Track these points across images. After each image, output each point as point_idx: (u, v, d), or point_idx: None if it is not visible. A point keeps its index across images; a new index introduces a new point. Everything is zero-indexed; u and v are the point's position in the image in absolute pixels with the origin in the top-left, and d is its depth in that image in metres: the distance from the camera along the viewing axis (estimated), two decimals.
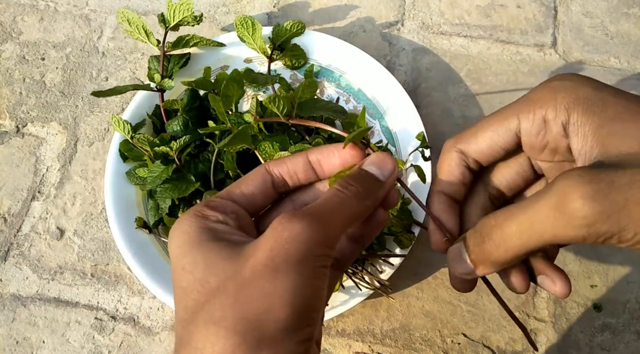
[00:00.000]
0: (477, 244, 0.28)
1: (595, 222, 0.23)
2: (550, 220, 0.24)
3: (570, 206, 0.23)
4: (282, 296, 0.24)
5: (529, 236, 0.25)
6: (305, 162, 0.31)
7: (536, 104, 0.28)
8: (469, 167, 0.31)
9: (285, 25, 0.58)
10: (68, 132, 0.62)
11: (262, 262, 0.25)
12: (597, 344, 0.52)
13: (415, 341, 0.52)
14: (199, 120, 0.54)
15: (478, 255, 0.28)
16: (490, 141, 0.30)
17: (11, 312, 0.54)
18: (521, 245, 0.26)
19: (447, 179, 0.31)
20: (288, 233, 0.25)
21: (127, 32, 0.56)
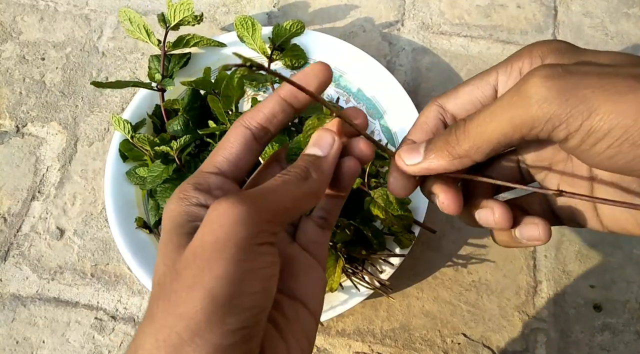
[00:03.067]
0: (443, 135, 0.28)
1: (546, 99, 0.22)
2: (508, 103, 0.24)
3: (527, 84, 0.23)
4: (203, 286, 0.23)
5: (489, 126, 0.25)
6: (280, 102, 0.30)
7: (514, 58, 0.28)
8: (445, 122, 0.31)
9: (285, 25, 0.58)
10: (68, 132, 0.62)
11: (192, 251, 0.24)
12: (597, 344, 0.52)
13: (415, 341, 0.52)
14: (199, 120, 0.54)
15: (439, 144, 0.28)
16: (470, 95, 0.30)
17: (11, 312, 0.54)
18: (482, 137, 0.26)
19: (420, 129, 0.31)
20: (216, 214, 0.24)
21: (128, 31, 0.56)
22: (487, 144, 0.26)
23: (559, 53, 0.26)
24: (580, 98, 0.22)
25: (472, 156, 0.26)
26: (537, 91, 0.23)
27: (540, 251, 0.55)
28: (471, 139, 0.26)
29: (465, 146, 0.26)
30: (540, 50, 0.27)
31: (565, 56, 0.26)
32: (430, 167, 0.28)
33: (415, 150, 0.29)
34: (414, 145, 0.29)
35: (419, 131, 0.31)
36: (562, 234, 0.56)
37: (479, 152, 0.26)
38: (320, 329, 0.52)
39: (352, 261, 0.49)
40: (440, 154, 0.27)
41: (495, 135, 0.25)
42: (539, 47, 0.27)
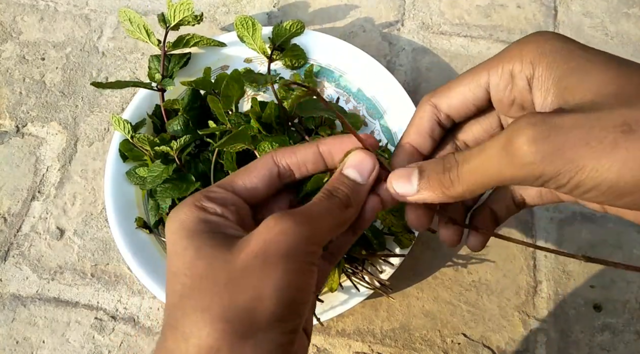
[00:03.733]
0: (437, 173, 0.28)
1: (534, 162, 0.23)
2: (498, 160, 0.24)
3: (514, 146, 0.23)
4: (271, 287, 0.25)
5: (481, 175, 0.26)
6: (316, 153, 0.31)
7: (504, 59, 0.28)
8: (440, 122, 0.31)
9: (285, 25, 0.58)
10: (68, 132, 0.62)
11: (253, 254, 0.25)
12: (597, 344, 0.52)
13: (415, 341, 0.52)
14: (199, 120, 0.54)
15: (433, 183, 0.28)
16: (462, 97, 0.30)
17: (11, 312, 0.54)
18: (474, 183, 0.26)
19: (416, 132, 0.31)
20: (279, 228, 0.26)
21: (128, 31, 0.56)
22: (479, 191, 0.27)
23: (549, 61, 0.26)
24: (567, 159, 0.22)
25: (464, 197, 0.28)
26: (525, 155, 0.23)
27: (540, 251, 0.55)
28: (464, 184, 0.27)
29: (459, 190, 0.27)
30: (531, 55, 0.27)
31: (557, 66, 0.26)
32: (423, 200, 0.29)
33: (407, 179, 0.29)
34: (406, 171, 0.29)
35: (415, 133, 0.31)
36: (562, 234, 0.56)
37: (471, 196, 0.27)
38: (320, 329, 0.52)
39: (352, 261, 0.49)
40: (433, 191, 0.28)
41: (488, 184, 0.26)
42: (529, 48, 0.27)
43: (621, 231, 0.56)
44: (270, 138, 0.49)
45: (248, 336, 0.24)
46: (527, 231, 0.56)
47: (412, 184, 0.29)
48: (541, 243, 0.56)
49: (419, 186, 0.28)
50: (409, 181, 0.29)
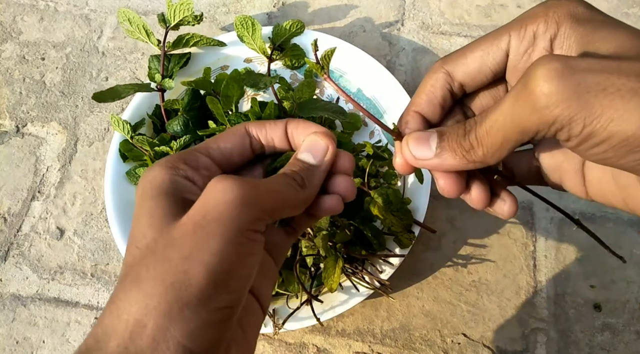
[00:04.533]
0: (458, 136, 0.27)
1: (548, 105, 0.22)
2: (513, 109, 0.23)
3: (529, 87, 0.22)
4: (201, 260, 0.23)
5: (499, 132, 0.25)
6: (283, 132, 0.31)
7: (528, 20, 0.27)
8: (452, 91, 0.30)
9: (284, 25, 0.58)
10: (68, 132, 0.62)
11: (192, 221, 0.24)
12: (597, 344, 0.52)
13: (415, 341, 0.52)
14: (199, 120, 0.54)
15: (453, 146, 0.27)
16: (480, 61, 0.28)
17: (11, 312, 0.54)
18: (494, 144, 0.25)
19: (426, 100, 0.30)
20: (221, 193, 0.24)
21: (127, 32, 0.56)
22: (500, 151, 0.25)
23: (574, 20, 0.25)
24: (583, 104, 0.21)
25: (487, 161, 0.26)
26: (539, 97, 0.22)
27: (540, 251, 0.55)
28: (484, 147, 0.25)
29: (480, 153, 0.26)
30: (557, 15, 0.26)
31: (581, 24, 0.25)
32: (442, 166, 0.27)
33: (426, 142, 0.27)
34: (423, 135, 0.28)
35: (426, 102, 0.30)
36: (562, 234, 0.56)
37: (494, 158, 0.26)
38: (320, 329, 0.52)
39: (352, 261, 0.49)
40: (453, 156, 0.27)
41: (506, 143, 0.25)
42: (555, 9, 0.26)
43: (621, 231, 0.56)
44: None
45: (174, 313, 0.23)
46: (527, 230, 0.56)
47: (431, 148, 0.27)
48: (541, 243, 0.56)
49: (438, 149, 0.27)
50: (428, 144, 0.27)
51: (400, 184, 0.55)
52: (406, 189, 0.54)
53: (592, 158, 0.23)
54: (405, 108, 0.31)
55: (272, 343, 0.52)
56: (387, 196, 0.50)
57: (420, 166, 0.28)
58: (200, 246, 0.23)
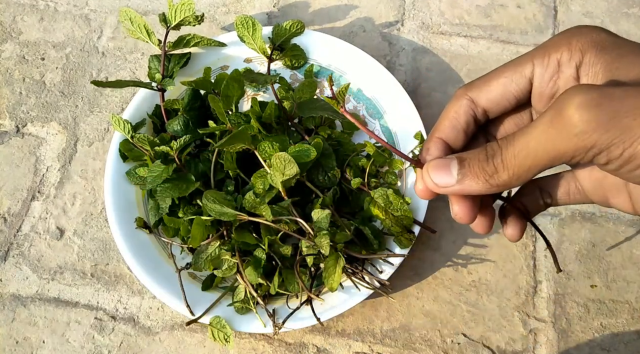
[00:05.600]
0: (479, 161, 0.26)
1: (586, 131, 0.22)
2: (546, 135, 0.23)
3: (564, 115, 0.22)
4: None
5: (528, 156, 0.24)
6: None
7: (551, 48, 0.27)
8: (476, 117, 0.30)
9: (284, 25, 0.58)
10: (68, 132, 0.62)
11: None
12: (597, 344, 0.52)
13: (415, 341, 0.52)
14: (199, 120, 0.54)
15: (475, 171, 0.27)
16: (504, 88, 0.28)
17: (11, 312, 0.54)
18: (521, 167, 0.25)
19: (450, 126, 0.30)
20: None
21: (128, 31, 0.56)
22: (527, 175, 0.25)
23: (598, 47, 0.25)
24: (622, 128, 0.21)
25: (511, 185, 0.26)
26: (576, 124, 0.22)
27: (540, 251, 0.55)
28: (510, 171, 0.25)
29: (505, 177, 0.26)
30: (580, 43, 0.26)
31: (605, 51, 0.25)
32: (464, 191, 0.27)
33: (446, 169, 0.27)
34: (443, 161, 0.28)
35: (449, 128, 0.30)
36: (562, 234, 0.56)
37: (519, 182, 0.26)
38: (320, 329, 0.52)
39: (352, 261, 0.49)
40: (476, 181, 0.27)
41: (535, 167, 0.25)
42: (578, 37, 0.26)
43: (621, 231, 0.56)
44: (270, 138, 0.49)
45: None
46: (527, 230, 0.56)
47: (452, 174, 0.27)
48: (541, 243, 0.56)
49: (459, 175, 0.27)
50: (449, 170, 0.27)
51: (400, 184, 0.55)
52: (406, 189, 0.54)
53: (635, 180, 0.24)
54: (429, 135, 0.31)
55: (272, 343, 0.52)
56: (387, 196, 0.50)
57: (442, 192, 0.28)
58: None
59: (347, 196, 0.53)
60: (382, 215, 0.50)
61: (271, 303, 0.50)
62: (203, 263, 0.49)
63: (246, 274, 0.48)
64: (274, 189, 0.47)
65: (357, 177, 0.52)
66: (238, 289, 0.50)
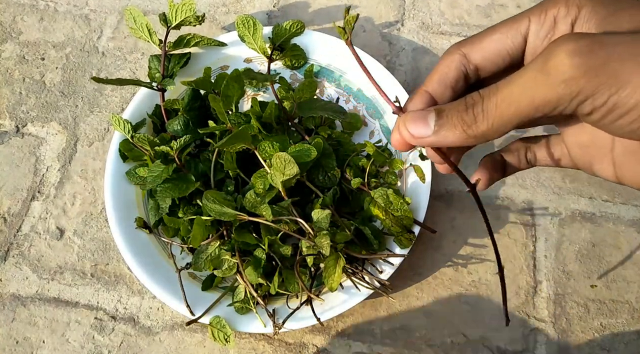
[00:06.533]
0: (458, 111, 0.26)
1: (575, 77, 0.21)
2: (532, 83, 0.23)
3: (555, 60, 0.22)
4: None
5: (511, 105, 0.24)
6: None
7: (549, 4, 0.27)
8: (467, 74, 0.29)
9: (285, 25, 0.58)
10: (68, 132, 0.62)
11: None
12: (597, 344, 0.52)
13: (415, 341, 0.52)
14: (199, 120, 0.54)
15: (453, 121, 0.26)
16: (498, 45, 0.28)
17: (11, 312, 0.54)
18: (502, 117, 0.24)
19: (439, 80, 0.29)
20: None
21: (131, 30, 0.56)
22: (506, 126, 0.25)
23: (596, 3, 0.25)
24: (610, 72, 0.21)
25: (489, 136, 0.25)
26: (565, 70, 0.22)
27: (540, 251, 0.55)
28: (489, 120, 0.25)
29: (483, 127, 0.25)
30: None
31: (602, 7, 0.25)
32: (440, 142, 0.27)
33: (424, 120, 0.27)
34: (422, 112, 0.27)
35: (437, 82, 0.29)
36: (562, 234, 0.56)
37: (497, 133, 0.25)
38: (320, 329, 0.52)
39: (352, 261, 0.49)
40: (453, 131, 0.26)
41: (516, 117, 0.24)
42: None
43: (621, 231, 0.56)
44: (270, 137, 0.49)
45: None
46: (527, 230, 0.56)
47: (429, 125, 0.26)
48: (541, 243, 0.56)
49: (436, 126, 0.26)
50: (426, 121, 0.26)
51: (400, 184, 0.55)
52: (406, 189, 0.54)
53: (619, 131, 0.23)
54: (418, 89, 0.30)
55: (272, 343, 0.52)
56: (387, 196, 0.50)
57: (417, 144, 0.28)
58: None
59: (347, 196, 0.53)
60: (382, 215, 0.50)
61: (271, 303, 0.50)
62: (203, 263, 0.49)
63: (246, 274, 0.48)
64: (274, 189, 0.47)
65: (357, 177, 0.52)
66: (238, 289, 0.50)
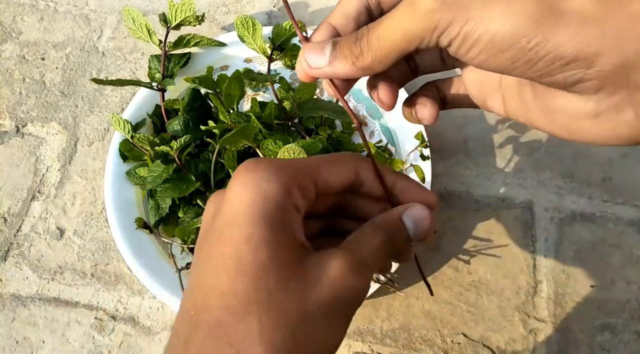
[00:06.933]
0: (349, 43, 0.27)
1: (432, 9, 0.23)
2: (402, 16, 0.24)
3: None
4: (330, 345, 0.24)
5: (387, 38, 0.25)
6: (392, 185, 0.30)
7: None
8: (369, 7, 0.29)
9: (285, 25, 0.58)
10: (68, 132, 0.62)
11: (327, 304, 0.24)
12: (597, 344, 0.52)
13: (415, 341, 0.52)
14: (199, 120, 0.54)
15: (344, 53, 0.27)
16: None
17: (11, 312, 0.54)
18: (382, 49, 0.25)
19: (342, 13, 0.29)
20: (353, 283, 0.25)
21: (130, 30, 0.56)
22: (388, 58, 0.26)
23: None
24: (461, 5, 0.22)
25: (375, 68, 0.26)
26: (426, 4, 0.23)
27: (540, 251, 0.55)
28: (373, 52, 0.26)
29: (368, 59, 0.26)
30: None
31: None
32: (334, 73, 0.27)
33: (320, 51, 0.27)
34: (320, 44, 0.28)
35: (340, 15, 0.29)
36: (562, 234, 0.56)
37: (381, 65, 0.26)
38: None
39: None
40: (344, 63, 0.27)
41: (394, 49, 0.25)
42: None
43: (621, 231, 0.56)
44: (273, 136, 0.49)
45: None
46: (527, 230, 0.56)
47: (325, 55, 0.27)
48: (541, 243, 0.56)
49: (331, 57, 0.27)
50: (322, 52, 0.27)
51: None
52: None
53: (474, 62, 0.24)
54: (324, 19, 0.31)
55: None
56: None
57: (316, 75, 0.28)
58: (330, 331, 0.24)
59: None
60: None
61: None
62: None
63: None
64: None
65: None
66: None
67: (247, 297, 0.23)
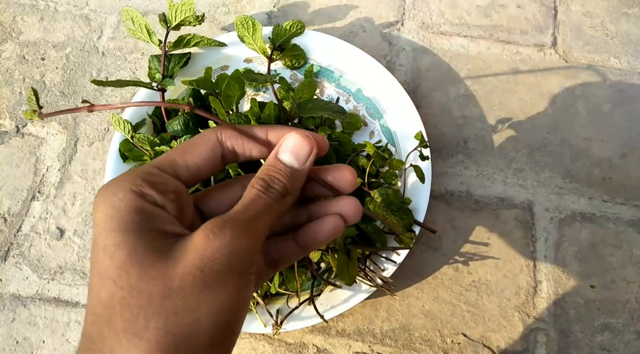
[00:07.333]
0: None
1: None
2: None
3: None
4: (208, 311, 0.23)
5: None
6: (265, 139, 0.29)
7: None
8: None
9: (284, 25, 0.58)
10: (68, 132, 0.62)
11: (191, 272, 0.23)
12: (597, 344, 0.52)
13: (415, 341, 0.52)
14: (199, 120, 0.54)
15: None
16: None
17: (11, 312, 0.54)
18: None
19: None
20: (219, 243, 0.24)
21: (129, 31, 0.56)
22: None
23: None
24: None
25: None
26: None
27: (540, 251, 0.55)
28: None
29: None
30: None
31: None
32: None
33: None
34: None
35: None
36: (562, 234, 0.56)
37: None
38: (320, 329, 0.52)
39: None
40: None
41: None
42: None
43: (621, 231, 0.56)
44: None
45: None
46: (527, 231, 0.56)
47: None
48: (541, 243, 0.56)
49: None
50: None
51: (400, 184, 0.55)
52: (406, 189, 0.54)
53: None
54: None
55: (272, 343, 0.52)
56: (387, 196, 0.50)
57: None
58: (205, 298, 0.23)
59: None
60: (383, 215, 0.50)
61: (272, 303, 0.50)
62: None
63: None
64: None
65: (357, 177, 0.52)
66: None
67: (110, 299, 0.23)
